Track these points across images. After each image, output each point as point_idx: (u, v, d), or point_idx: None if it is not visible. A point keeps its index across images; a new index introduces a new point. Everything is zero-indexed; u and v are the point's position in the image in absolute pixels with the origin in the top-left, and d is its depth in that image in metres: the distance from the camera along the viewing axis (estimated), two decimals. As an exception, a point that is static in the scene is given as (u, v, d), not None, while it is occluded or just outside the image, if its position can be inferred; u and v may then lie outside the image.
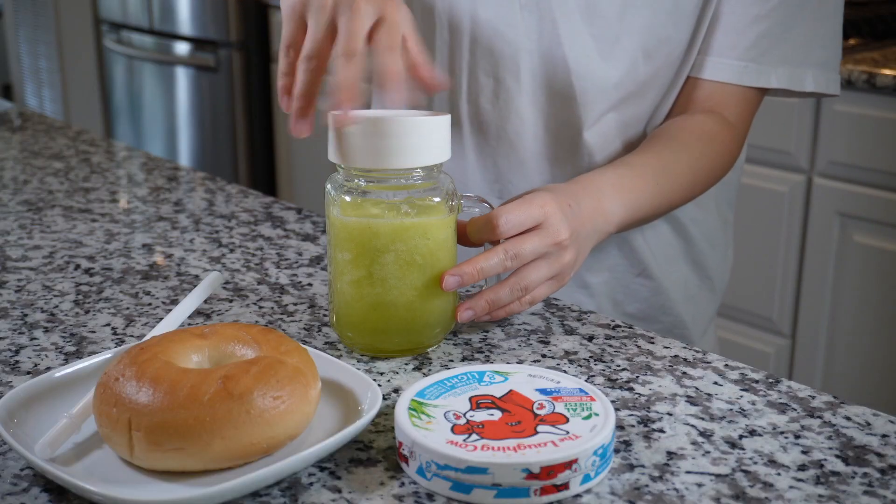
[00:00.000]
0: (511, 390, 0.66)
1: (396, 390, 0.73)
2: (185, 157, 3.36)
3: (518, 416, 0.63)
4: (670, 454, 0.64)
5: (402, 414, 0.63)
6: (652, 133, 0.98)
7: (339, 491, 0.60)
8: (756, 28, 0.95)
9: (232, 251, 1.01)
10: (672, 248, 1.06)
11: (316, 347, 0.79)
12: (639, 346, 0.80)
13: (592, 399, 0.65)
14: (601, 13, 0.94)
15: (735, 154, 1.00)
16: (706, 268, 1.10)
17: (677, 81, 0.99)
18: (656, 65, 0.96)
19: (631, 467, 0.63)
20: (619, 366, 0.77)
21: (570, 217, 0.81)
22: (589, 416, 0.62)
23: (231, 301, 0.89)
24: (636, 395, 0.72)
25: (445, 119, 0.75)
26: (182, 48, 3.24)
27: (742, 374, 0.75)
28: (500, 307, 0.79)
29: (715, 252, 1.11)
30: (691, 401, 0.71)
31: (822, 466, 0.63)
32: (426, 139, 0.73)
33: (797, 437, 0.66)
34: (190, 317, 0.85)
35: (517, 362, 0.77)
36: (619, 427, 0.67)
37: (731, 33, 0.95)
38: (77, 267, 0.97)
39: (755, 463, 0.63)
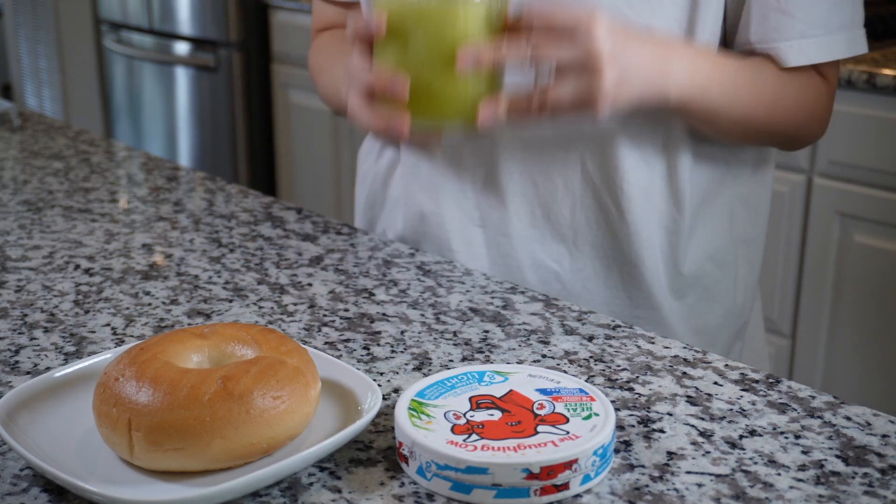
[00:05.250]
0: (511, 390, 0.66)
1: (396, 390, 0.73)
2: (185, 157, 3.36)
3: (518, 416, 0.63)
4: (670, 454, 0.64)
5: (402, 414, 0.63)
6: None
7: (339, 491, 0.60)
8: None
9: (232, 251, 1.01)
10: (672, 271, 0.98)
11: (316, 347, 0.79)
12: (639, 346, 0.80)
13: (592, 399, 0.65)
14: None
15: (827, 111, 0.91)
16: (713, 292, 1.00)
17: None
18: None
19: (631, 467, 0.63)
20: (619, 366, 0.77)
21: (621, 39, 0.74)
22: (589, 416, 0.62)
23: (231, 301, 0.89)
24: (636, 395, 0.72)
25: None
26: (182, 48, 3.24)
27: (742, 374, 0.75)
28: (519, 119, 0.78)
29: (723, 273, 1.00)
30: (691, 401, 0.71)
31: (822, 466, 0.63)
32: None
33: (797, 437, 0.66)
34: (190, 317, 0.85)
35: (517, 362, 0.77)
36: (619, 427, 0.67)
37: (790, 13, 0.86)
38: (77, 267, 0.97)
39: (755, 463, 0.63)
